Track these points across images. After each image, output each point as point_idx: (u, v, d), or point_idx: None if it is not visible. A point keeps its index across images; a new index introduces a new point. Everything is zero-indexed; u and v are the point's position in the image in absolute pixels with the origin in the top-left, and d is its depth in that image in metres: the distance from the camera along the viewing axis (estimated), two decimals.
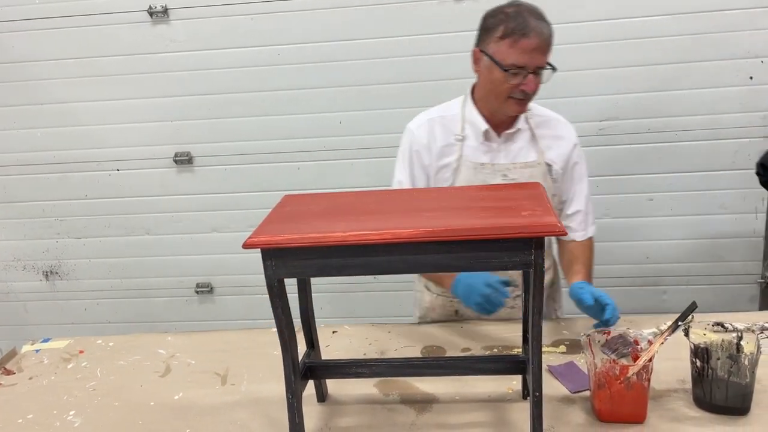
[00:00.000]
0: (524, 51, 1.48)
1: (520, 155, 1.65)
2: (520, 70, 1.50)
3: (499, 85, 1.54)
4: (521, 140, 1.65)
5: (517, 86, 1.52)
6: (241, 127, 2.74)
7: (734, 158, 2.58)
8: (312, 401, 1.38)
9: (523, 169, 1.63)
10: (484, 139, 1.64)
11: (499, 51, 1.51)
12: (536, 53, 1.49)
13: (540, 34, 1.48)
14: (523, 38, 1.47)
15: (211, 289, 2.96)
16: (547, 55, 1.52)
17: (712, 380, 1.23)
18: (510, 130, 1.64)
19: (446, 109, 1.70)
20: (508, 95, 1.55)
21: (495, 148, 1.65)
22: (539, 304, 1.09)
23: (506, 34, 1.49)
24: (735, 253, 2.69)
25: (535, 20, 1.48)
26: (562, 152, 1.67)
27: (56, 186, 2.88)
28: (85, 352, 1.70)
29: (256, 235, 1.09)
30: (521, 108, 1.59)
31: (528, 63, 1.49)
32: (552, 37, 1.51)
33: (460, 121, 1.66)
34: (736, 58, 2.47)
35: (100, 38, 2.67)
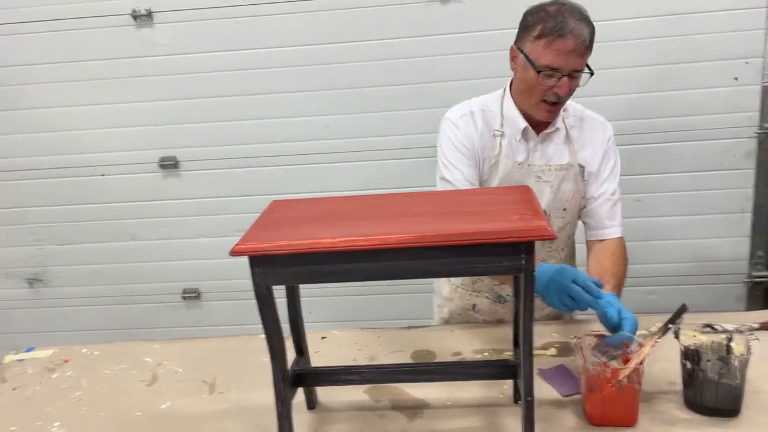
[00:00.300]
0: (560, 53, 1.43)
1: (555, 157, 1.62)
2: (554, 72, 1.46)
3: (533, 85, 1.50)
4: (556, 140, 1.62)
5: (550, 88, 1.49)
6: (227, 131, 2.71)
7: (721, 158, 2.60)
8: (302, 409, 1.37)
9: (558, 171, 1.61)
10: (522, 137, 1.61)
11: (534, 51, 1.47)
12: (572, 56, 1.44)
13: (578, 36, 1.42)
14: (559, 39, 1.42)
15: (198, 294, 2.94)
16: (585, 57, 1.47)
17: (702, 382, 1.23)
18: (548, 130, 1.61)
19: (484, 103, 1.65)
20: (540, 98, 1.51)
21: (531, 148, 1.61)
22: (530, 309, 1.08)
23: (543, 34, 1.44)
24: (722, 253, 2.71)
25: (575, 21, 1.43)
26: (596, 152, 1.64)
27: (39, 192, 2.84)
28: (69, 362, 1.67)
29: (244, 242, 1.07)
30: (551, 115, 1.55)
31: (563, 65, 1.45)
32: (592, 39, 1.46)
33: (498, 117, 1.62)
34: (721, 59, 2.49)
35: (83, 42, 2.64)
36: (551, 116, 1.57)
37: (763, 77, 2.49)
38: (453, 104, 1.74)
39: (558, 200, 1.63)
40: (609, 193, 1.66)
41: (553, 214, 1.64)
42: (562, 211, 1.65)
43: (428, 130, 2.59)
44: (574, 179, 1.62)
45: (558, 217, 1.65)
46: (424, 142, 2.60)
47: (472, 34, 2.54)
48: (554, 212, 1.64)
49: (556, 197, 1.62)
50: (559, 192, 1.62)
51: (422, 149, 2.61)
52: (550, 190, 1.61)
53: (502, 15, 2.44)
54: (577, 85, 1.51)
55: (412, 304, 2.81)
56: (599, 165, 1.64)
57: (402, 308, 2.84)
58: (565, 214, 1.66)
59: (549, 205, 1.62)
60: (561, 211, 1.65)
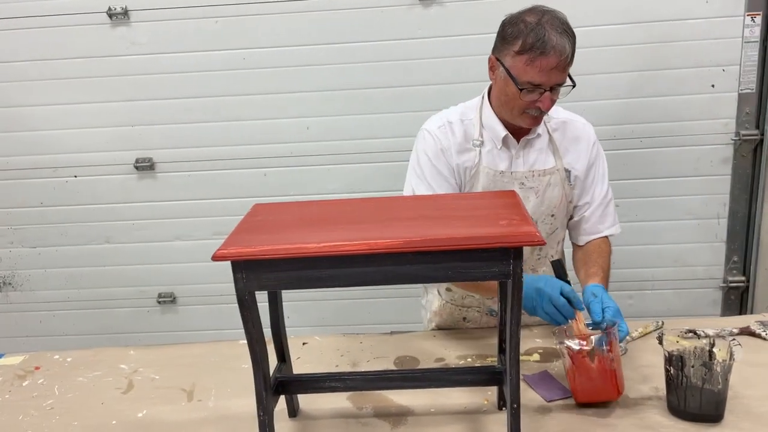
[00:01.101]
0: (542, 70, 1.41)
1: (538, 162, 1.60)
2: (535, 88, 1.45)
3: (514, 99, 1.48)
4: (539, 146, 1.61)
5: (532, 103, 1.47)
6: (205, 133, 2.67)
7: (697, 165, 2.63)
8: (283, 417, 1.34)
9: (542, 176, 1.59)
10: (502, 145, 1.59)
11: (515, 66, 1.44)
12: (554, 72, 1.42)
13: (560, 53, 1.39)
14: (541, 57, 1.39)
15: (174, 299, 2.88)
16: (567, 71, 1.45)
17: (686, 388, 1.23)
18: (529, 136, 1.60)
19: (462, 112, 1.63)
20: (522, 110, 1.50)
21: (513, 155, 1.60)
22: (518, 315, 1.07)
23: (524, 50, 1.41)
24: (698, 258, 2.74)
25: (557, 35, 1.39)
26: (581, 155, 1.63)
27: (9, 193, 2.75)
28: (41, 369, 1.62)
29: (226, 246, 1.04)
30: (536, 122, 1.54)
31: (545, 82, 1.43)
32: (573, 51, 1.43)
33: (477, 126, 1.60)
34: (699, 66, 2.51)
35: (56, 40, 2.57)
36: (534, 124, 1.55)
37: (739, 85, 2.52)
38: (435, 107, 1.72)
39: (545, 206, 1.62)
40: (599, 199, 1.66)
41: (540, 220, 1.63)
42: (550, 217, 1.64)
43: (410, 134, 2.53)
44: (561, 184, 1.62)
45: (545, 224, 1.64)
46: (406, 146, 2.53)
47: (454, 38, 2.53)
48: (541, 218, 1.63)
49: (542, 203, 1.61)
50: (545, 198, 1.61)
51: (404, 153, 2.53)
52: (535, 196, 1.60)
53: (483, 19, 2.43)
54: (558, 96, 1.50)
55: (394, 309, 2.79)
56: (586, 170, 1.64)
57: (384, 313, 2.81)
58: (553, 221, 1.65)
59: (535, 211, 1.61)
60: (549, 217, 1.64)
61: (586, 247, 1.67)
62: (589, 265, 1.61)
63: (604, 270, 1.59)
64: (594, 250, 1.65)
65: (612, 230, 1.69)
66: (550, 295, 1.35)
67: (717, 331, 1.54)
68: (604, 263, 1.61)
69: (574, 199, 1.66)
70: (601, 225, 1.67)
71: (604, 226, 1.67)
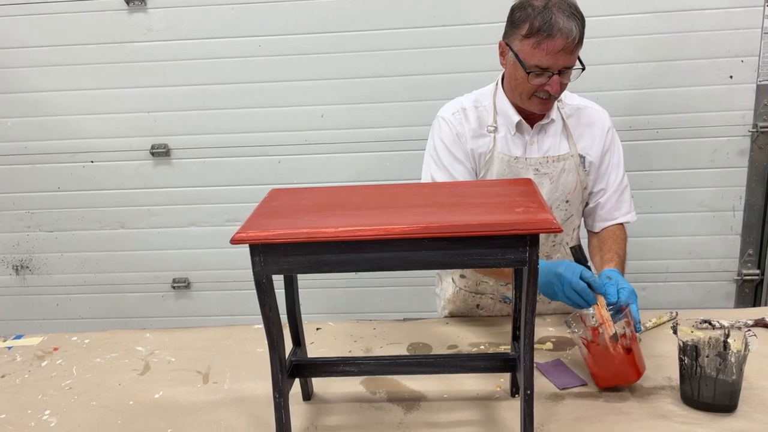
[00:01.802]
0: (548, 53, 1.42)
1: (552, 148, 1.61)
2: (543, 71, 1.45)
3: (522, 83, 1.50)
4: (553, 132, 1.62)
5: (540, 86, 1.48)
6: (220, 120, 2.68)
7: (713, 156, 2.61)
8: (297, 400, 1.36)
9: (556, 162, 1.60)
10: (516, 131, 1.60)
11: (522, 50, 1.45)
12: (561, 54, 1.42)
13: (567, 35, 1.40)
14: (547, 39, 1.40)
15: (188, 284, 2.91)
16: (575, 54, 1.46)
17: (700, 378, 1.23)
18: (543, 122, 1.60)
19: (476, 99, 1.64)
20: (531, 93, 1.51)
21: (527, 140, 1.61)
22: (533, 302, 1.08)
23: (530, 34, 1.42)
24: (712, 251, 2.73)
25: (564, 18, 1.40)
26: (595, 140, 1.63)
27: (27, 177, 2.79)
28: (59, 350, 1.65)
29: (244, 230, 1.05)
30: (545, 107, 1.55)
31: (552, 65, 1.44)
32: (582, 33, 1.43)
33: (492, 113, 1.61)
34: (716, 57, 2.49)
35: (75, 26, 2.59)
36: (545, 109, 1.56)
37: (758, 76, 2.50)
38: (448, 96, 1.72)
39: (559, 191, 1.62)
40: (614, 186, 1.66)
41: (554, 205, 1.63)
42: (565, 203, 1.64)
43: (423, 122, 2.55)
44: (575, 170, 1.62)
45: (560, 210, 1.65)
46: (419, 134, 2.56)
47: (469, 26, 2.52)
48: (556, 204, 1.63)
49: (557, 189, 1.62)
50: (559, 183, 1.61)
51: (417, 141, 2.58)
52: (549, 182, 1.61)
53: (498, 8, 2.39)
54: (568, 80, 1.51)
55: (406, 297, 2.81)
56: (601, 156, 1.64)
57: (396, 301, 2.83)
58: (568, 206, 1.65)
59: (549, 196, 1.61)
60: (564, 203, 1.64)
61: (601, 234, 1.67)
62: (604, 251, 1.61)
63: (620, 256, 1.59)
64: (609, 236, 1.65)
65: (627, 217, 1.68)
66: (570, 280, 1.35)
67: (732, 322, 1.53)
68: (619, 249, 1.61)
69: (589, 186, 1.66)
70: (617, 212, 1.67)
71: (619, 213, 1.67)
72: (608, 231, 1.67)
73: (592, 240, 1.71)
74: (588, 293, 1.34)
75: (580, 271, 1.36)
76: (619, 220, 1.68)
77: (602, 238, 1.66)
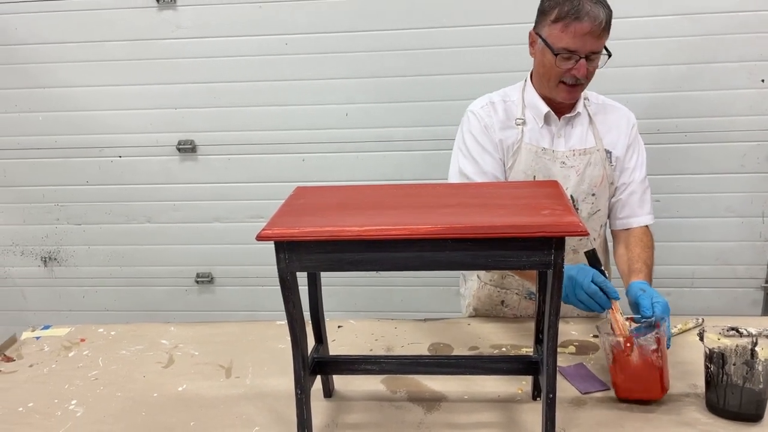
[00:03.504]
0: (576, 35, 1.46)
1: (579, 142, 1.63)
2: (571, 54, 1.49)
3: (551, 68, 1.53)
4: (580, 125, 1.64)
5: (568, 71, 1.51)
6: (246, 117, 2.70)
7: (743, 161, 2.57)
8: (318, 396, 1.36)
9: (582, 155, 1.62)
10: (544, 122, 1.62)
11: (551, 35, 1.50)
12: (588, 38, 1.46)
13: (594, 18, 1.45)
14: (575, 22, 1.45)
15: (212, 279, 2.94)
16: (602, 39, 1.49)
17: (726, 386, 1.21)
18: (570, 114, 1.62)
19: (505, 94, 1.69)
20: (559, 79, 1.54)
21: (555, 133, 1.63)
22: (557, 305, 1.07)
23: (559, 18, 1.47)
24: (740, 257, 2.68)
25: (591, 4, 1.45)
26: (621, 136, 1.65)
27: (57, 171, 2.84)
28: (86, 341, 1.68)
29: (270, 227, 1.06)
30: (572, 95, 1.57)
31: (579, 48, 1.48)
32: (609, 20, 1.48)
33: (520, 106, 1.64)
34: (747, 61, 2.45)
35: (105, 22, 2.63)
36: (571, 96, 1.58)
37: None
38: (473, 96, 1.74)
39: (585, 184, 1.63)
40: (638, 182, 1.67)
41: (580, 199, 1.64)
42: (591, 197, 1.64)
43: (447, 122, 2.58)
44: (602, 164, 1.63)
45: (587, 203, 1.65)
46: (443, 134, 2.58)
47: (495, 27, 2.51)
48: (582, 197, 1.64)
49: (583, 181, 1.63)
50: (585, 177, 1.62)
51: (441, 141, 2.59)
52: (576, 175, 1.62)
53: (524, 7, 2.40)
54: (595, 67, 1.53)
55: (427, 297, 2.81)
56: (625, 153, 1.66)
57: (417, 301, 2.83)
58: (594, 200, 1.65)
59: (575, 189, 1.62)
60: (590, 197, 1.64)
61: (628, 240, 1.66)
62: (632, 261, 1.59)
63: (648, 266, 1.58)
64: (636, 243, 1.63)
65: (649, 218, 1.69)
66: (582, 282, 1.36)
67: (759, 330, 1.51)
68: (647, 258, 1.60)
69: (615, 181, 1.66)
70: (640, 209, 1.67)
71: (642, 212, 1.67)
72: (635, 237, 1.65)
73: (618, 248, 1.69)
74: (600, 296, 1.35)
75: (592, 274, 1.37)
76: (642, 220, 1.67)
77: (629, 244, 1.64)
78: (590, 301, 1.36)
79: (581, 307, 1.39)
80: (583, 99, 1.65)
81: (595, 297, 1.35)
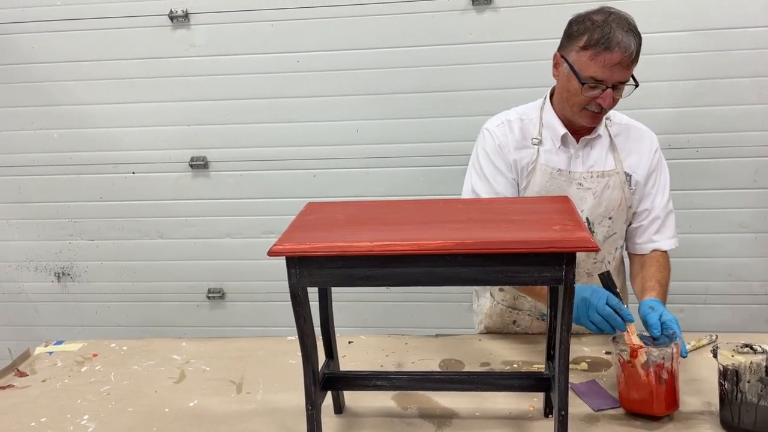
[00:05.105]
0: (605, 65, 1.43)
1: (597, 163, 1.60)
2: (598, 84, 1.46)
3: (575, 95, 1.50)
4: (599, 147, 1.61)
5: (593, 99, 1.48)
6: (257, 134, 2.73)
7: (755, 177, 2.55)
8: (329, 412, 1.36)
9: (600, 178, 1.59)
10: (561, 144, 1.59)
11: (579, 61, 1.46)
12: (618, 68, 1.43)
13: (625, 49, 1.41)
14: (605, 52, 1.42)
15: (223, 294, 2.95)
16: (630, 70, 1.47)
17: (741, 404, 1.20)
18: (589, 136, 1.60)
19: (523, 112, 1.65)
20: (582, 106, 1.51)
21: (572, 154, 1.60)
22: (568, 321, 1.07)
23: (589, 45, 1.44)
24: (754, 273, 2.65)
25: (623, 33, 1.42)
26: (642, 159, 1.62)
27: (71, 187, 2.87)
28: (98, 356, 1.69)
29: (282, 242, 1.07)
30: (595, 121, 1.54)
31: (608, 78, 1.44)
32: (638, 50, 1.45)
33: (537, 125, 1.62)
34: (759, 76, 2.44)
35: (119, 41, 2.67)
36: (594, 122, 1.55)
37: None
38: (483, 112, 1.74)
39: (602, 208, 1.60)
40: (661, 207, 1.63)
41: (596, 221, 1.61)
42: (608, 220, 1.62)
43: (458, 138, 2.60)
44: (620, 187, 1.60)
45: (603, 226, 1.62)
46: (453, 150, 2.59)
47: (506, 44, 2.52)
48: (597, 220, 1.61)
49: (600, 205, 1.60)
50: (602, 199, 1.60)
51: (452, 157, 2.60)
52: (593, 198, 1.59)
53: (536, 25, 2.43)
54: (620, 96, 1.50)
55: (437, 313, 2.80)
56: (647, 175, 1.62)
57: (427, 317, 2.82)
58: (611, 224, 1.63)
59: (592, 212, 1.60)
60: (606, 220, 1.62)
61: (644, 260, 1.63)
62: (646, 279, 1.57)
63: (662, 285, 1.55)
64: (652, 263, 1.60)
65: (670, 243, 1.64)
66: (597, 305, 1.34)
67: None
68: (662, 278, 1.57)
69: (634, 205, 1.63)
70: (659, 235, 1.63)
71: (661, 237, 1.63)
72: (651, 257, 1.62)
73: (634, 266, 1.66)
74: (614, 318, 1.32)
75: (606, 296, 1.35)
76: (661, 245, 1.63)
77: (645, 263, 1.62)
78: (603, 323, 1.34)
79: (593, 329, 1.37)
80: (604, 119, 1.61)
81: (609, 319, 1.33)
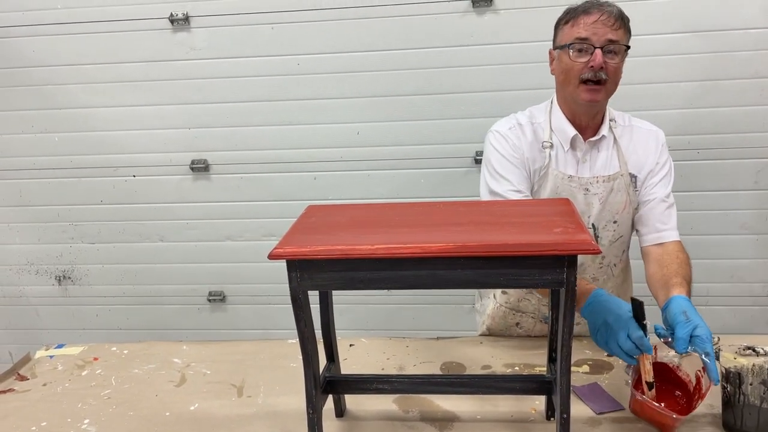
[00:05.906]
0: (586, 25, 1.48)
1: (603, 167, 1.60)
2: (584, 43, 1.48)
3: (569, 69, 1.51)
4: (605, 149, 1.61)
5: (585, 65, 1.48)
6: (258, 136, 2.73)
7: (756, 178, 2.55)
8: (330, 416, 1.36)
9: (606, 182, 1.59)
10: (570, 146, 1.59)
11: (563, 36, 1.53)
12: (599, 25, 1.47)
13: (602, 9, 1.48)
14: (583, 15, 1.49)
15: (224, 297, 2.94)
16: (616, 31, 1.48)
17: (743, 406, 1.20)
18: (595, 137, 1.60)
19: (531, 115, 1.65)
20: (578, 78, 1.50)
21: (580, 158, 1.60)
22: (570, 323, 1.06)
23: (569, 19, 1.52)
24: (755, 275, 2.65)
25: (600, 2, 1.49)
26: (648, 157, 1.61)
27: (72, 191, 2.87)
28: (99, 360, 1.69)
29: (282, 245, 1.07)
30: (594, 95, 1.51)
31: (591, 35, 1.47)
32: (621, 15, 1.49)
33: (547, 129, 1.62)
34: (760, 77, 2.44)
35: (120, 44, 2.68)
36: (594, 97, 1.51)
37: None
38: (484, 114, 1.73)
39: (607, 212, 1.60)
40: (662, 196, 1.60)
41: (600, 226, 1.61)
42: (613, 224, 1.62)
43: (459, 141, 2.60)
44: (625, 189, 1.60)
45: (608, 230, 1.62)
46: (454, 152, 2.60)
47: (506, 46, 2.52)
48: (602, 224, 1.61)
49: (604, 209, 1.60)
50: (607, 203, 1.59)
51: (452, 159, 2.60)
52: (598, 202, 1.59)
53: (536, 27, 2.43)
54: (615, 64, 1.49)
55: (439, 316, 2.79)
56: (653, 166, 1.61)
57: (429, 319, 2.82)
58: (616, 227, 1.62)
59: (597, 217, 1.60)
60: (611, 224, 1.62)
61: (662, 259, 1.55)
62: (669, 276, 1.47)
63: (687, 281, 1.47)
64: (672, 260, 1.53)
65: (675, 234, 1.60)
66: (617, 336, 1.26)
67: None
68: (686, 274, 1.49)
69: (639, 197, 1.62)
70: (664, 225, 1.60)
71: (667, 227, 1.60)
72: (670, 254, 1.55)
73: (650, 265, 1.59)
74: (634, 351, 1.25)
75: (628, 329, 1.26)
76: (669, 233, 1.59)
77: (663, 262, 1.54)
78: (620, 352, 1.26)
79: (607, 351, 1.30)
80: (609, 121, 1.61)
81: (628, 352, 1.26)
